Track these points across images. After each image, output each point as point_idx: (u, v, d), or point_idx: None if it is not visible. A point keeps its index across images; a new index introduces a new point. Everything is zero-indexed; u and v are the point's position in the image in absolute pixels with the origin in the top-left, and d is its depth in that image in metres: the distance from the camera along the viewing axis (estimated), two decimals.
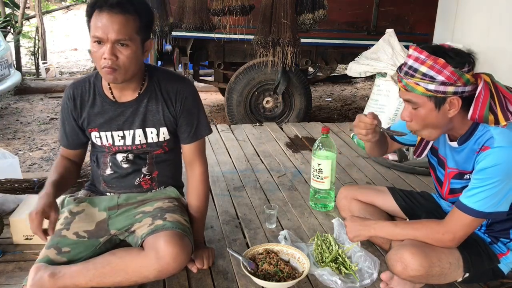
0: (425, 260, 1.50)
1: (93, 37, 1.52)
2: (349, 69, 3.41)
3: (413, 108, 1.51)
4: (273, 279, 1.66)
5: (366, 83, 7.26)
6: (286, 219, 2.23)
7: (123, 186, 1.80)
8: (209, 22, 3.70)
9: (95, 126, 1.73)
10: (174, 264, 1.54)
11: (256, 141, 3.41)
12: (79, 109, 1.72)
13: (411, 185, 2.63)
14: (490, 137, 1.46)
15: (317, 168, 2.22)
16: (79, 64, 8.61)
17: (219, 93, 6.08)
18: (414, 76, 1.45)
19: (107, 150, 1.77)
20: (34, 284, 1.50)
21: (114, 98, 1.70)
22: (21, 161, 3.85)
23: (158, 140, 1.76)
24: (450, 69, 1.40)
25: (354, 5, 4.53)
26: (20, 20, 7.11)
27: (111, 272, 1.54)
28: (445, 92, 1.43)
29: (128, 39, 1.52)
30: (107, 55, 1.50)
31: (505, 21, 2.93)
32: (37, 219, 1.49)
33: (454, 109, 1.46)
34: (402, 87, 1.49)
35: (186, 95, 1.73)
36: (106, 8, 1.49)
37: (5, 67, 5.01)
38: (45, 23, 7.98)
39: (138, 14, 1.54)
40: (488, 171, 1.43)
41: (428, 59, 1.42)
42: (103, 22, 1.49)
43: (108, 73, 1.54)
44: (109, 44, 1.50)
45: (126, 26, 1.51)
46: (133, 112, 1.71)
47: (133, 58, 1.55)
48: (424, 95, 1.45)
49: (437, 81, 1.41)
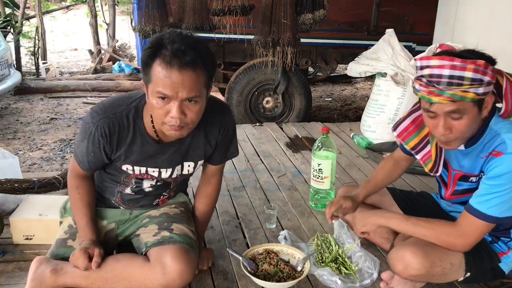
0: (426, 260, 1.50)
1: (158, 93, 1.34)
2: (349, 69, 3.42)
3: (454, 118, 1.40)
4: (273, 279, 1.66)
5: (366, 83, 7.26)
6: (286, 219, 2.23)
7: (139, 206, 1.75)
8: (209, 22, 3.70)
9: (131, 162, 1.58)
10: (180, 281, 1.52)
11: (256, 141, 3.41)
12: (115, 145, 1.52)
13: (411, 185, 2.63)
14: (502, 142, 1.43)
15: (317, 168, 2.22)
16: (79, 64, 8.60)
17: (219, 93, 6.08)
18: (462, 84, 1.34)
19: (134, 175, 1.64)
20: (35, 278, 1.49)
21: (158, 137, 1.54)
22: (21, 161, 3.85)
23: (193, 171, 1.71)
24: (491, 68, 1.37)
25: (354, 5, 4.53)
26: (20, 20, 7.11)
27: (113, 279, 1.52)
28: (489, 93, 1.38)
29: (198, 95, 1.37)
30: (176, 114, 1.35)
31: (505, 21, 2.93)
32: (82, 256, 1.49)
33: (488, 107, 1.42)
34: (446, 99, 1.36)
35: (227, 127, 1.65)
36: (176, 65, 1.30)
37: (5, 67, 5.01)
38: (45, 23, 7.98)
39: (205, 66, 1.37)
40: (503, 178, 1.41)
41: (467, 64, 1.33)
42: (172, 80, 1.31)
43: (174, 130, 1.40)
44: (177, 102, 1.34)
45: (197, 82, 1.35)
46: (175, 151, 1.59)
47: (200, 113, 1.43)
48: (473, 101, 1.36)
49: (485, 82, 1.35)
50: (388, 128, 3.22)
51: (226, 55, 4.65)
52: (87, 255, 1.50)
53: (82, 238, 1.58)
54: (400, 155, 1.91)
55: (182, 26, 3.72)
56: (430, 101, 1.40)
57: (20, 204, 2.16)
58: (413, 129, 1.70)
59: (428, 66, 1.39)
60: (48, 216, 2.02)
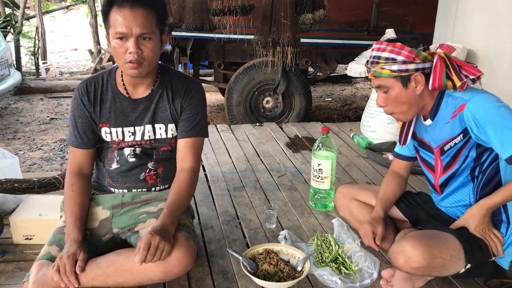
0: (426, 251, 1.51)
1: (116, 33, 1.55)
2: (349, 69, 3.42)
3: (383, 92, 1.66)
4: (273, 279, 1.66)
5: (366, 83, 7.26)
6: (286, 219, 2.23)
7: (128, 181, 1.80)
8: (209, 22, 3.71)
9: (106, 121, 1.74)
10: (180, 267, 1.54)
11: (256, 141, 3.41)
12: (92, 103, 1.72)
13: (410, 185, 2.63)
14: (456, 99, 1.60)
15: (317, 168, 2.22)
16: (79, 64, 8.61)
17: (219, 93, 6.08)
18: (378, 62, 1.63)
19: (116, 145, 1.78)
20: (37, 281, 1.50)
21: (128, 94, 1.73)
22: (21, 161, 3.85)
23: (166, 136, 1.78)
24: (407, 49, 1.59)
25: (354, 5, 4.53)
26: (20, 20, 7.11)
27: (115, 272, 1.53)
28: (408, 70, 1.60)
29: (151, 32, 1.57)
30: (133, 49, 1.54)
31: (505, 21, 2.93)
32: (69, 263, 1.47)
33: (420, 85, 1.62)
34: (371, 76, 1.67)
35: (193, 93, 1.76)
36: (127, 4, 1.53)
37: (5, 67, 5.01)
38: (45, 23, 7.99)
39: (155, 7, 1.59)
40: (489, 114, 1.52)
41: (387, 46, 1.62)
42: (126, 17, 1.53)
43: (133, 67, 1.58)
44: (133, 38, 1.54)
45: (148, 19, 1.56)
46: (145, 109, 1.74)
47: (156, 51, 1.61)
48: (390, 76, 1.62)
49: (398, 61, 1.59)
50: (388, 128, 3.22)
51: (226, 55, 4.66)
52: (74, 261, 1.49)
53: (68, 236, 1.59)
54: (397, 165, 1.96)
55: (182, 26, 3.72)
56: None
57: (20, 204, 2.16)
58: None
59: (371, 49, 1.70)
60: (48, 216, 2.02)
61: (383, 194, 1.91)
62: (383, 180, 1.97)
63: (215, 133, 3.56)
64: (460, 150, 1.64)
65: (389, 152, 3.04)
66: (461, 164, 1.66)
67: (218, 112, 5.69)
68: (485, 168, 1.64)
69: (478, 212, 1.61)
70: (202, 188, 2.57)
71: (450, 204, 1.77)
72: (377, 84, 1.66)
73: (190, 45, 4.51)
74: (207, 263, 1.85)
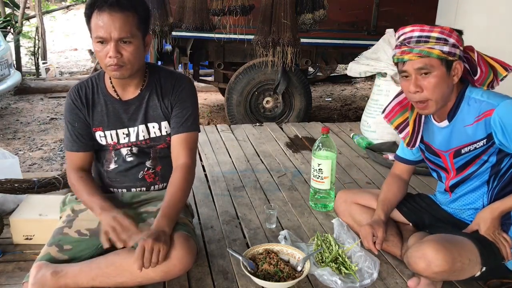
0: (448, 255, 1.49)
1: (96, 38, 1.56)
2: (349, 69, 3.41)
3: (424, 74, 1.54)
4: (273, 279, 1.66)
5: (366, 83, 7.26)
6: (286, 219, 2.23)
7: (126, 180, 1.80)
8: (209, 22, 3.70)
9: (99, 125, 1.74)
10: (180, 266, 1.54)
11: (256, 141, 3.41)
12: (85, 107, 1.74)
13: (411, 185, 2.62)
14: (481, 103, 1.56)
15: (317, 168, 2.22)
16: (79, 64, 8.61)
17: (219, 93, 6.08)
18: (428, 41, 1.52)
19: (112, 148, 1.78)
20: (36, 282, 1.50)
21: (118, 96, 1.73)
22: (21, 161, 3.85)
23: (161, 134, 1.78)
24: (456, 34, 1.55)
25: (354, 5, 4.53)
26: (20, 20, 7.11)
27: (115, 272, 1.53)
28: (455, 55, 1.54)
29: (131, 36, 1.56)
30: (112, 53, 1.54)
31: (505, 21, 2.93)
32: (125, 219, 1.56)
33: (458, 74, 1.56)
34: (415, 55, 1.52)
35: (182, 88, 1.75)
36: (106, 8, 1.52)
37: (5, 67, 5.01)
38: (45, 23, 7.98)
39: (136, 10, 1.58)
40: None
41: (434, 27, 1.53)
42: (104, 21, 1.53)
43: (114, 70, 1.58)
44: (112, 43, 1.54)
45: (127, 23, 1.55)
46: (136, 109, 1.74)
47: (137, 54, 1.60)
48: (439, 58, 1.52)
49: (450, 43, 1.52)
50: (388, 128, 3.21)
51: (226, 55, 4.65)
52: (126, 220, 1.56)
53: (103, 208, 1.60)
54: (399, 168, 1.95)
55: (182, 26, 3.72)
56: (402, 60, 1.56)
57: (20, 204, 2.16)
58: (398, 110, 1.82)
59: (403, 33, 1.59)
60: (48, 216, 2.02)
61: (384, 197, 1.89)
62: (383, 183, 1.96)
63: (215, 133, 3.56)
64: (479, 154, 1.61)
65: (389, 152, 3.04)
66: (477, 168, 1.64)
67: (218, 112, 5.69)
68: (503, 173, 1.63)
69: (490, 215, 1.60)
70: (202, 188, 2.57)
71: (460, 206, 1.76)
72: (420, 66, 1.53)
73: (190, 45, 4.51)
74: (207, 263, 1.85)
